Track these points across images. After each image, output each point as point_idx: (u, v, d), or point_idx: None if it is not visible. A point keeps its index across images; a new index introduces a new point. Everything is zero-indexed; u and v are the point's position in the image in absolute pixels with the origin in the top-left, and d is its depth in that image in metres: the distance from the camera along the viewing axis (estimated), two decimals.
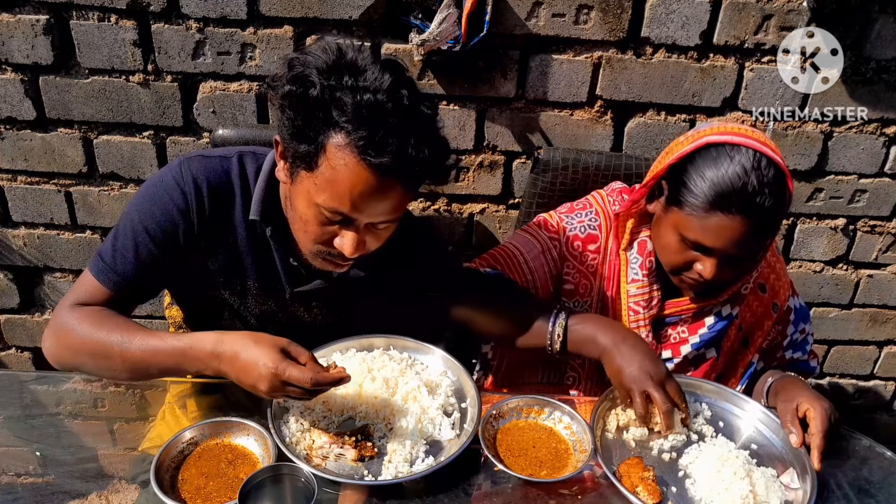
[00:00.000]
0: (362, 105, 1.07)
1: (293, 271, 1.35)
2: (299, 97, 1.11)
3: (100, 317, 1.24)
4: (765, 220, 1.28)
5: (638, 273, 1.50)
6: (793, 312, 1.61)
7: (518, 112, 1.89)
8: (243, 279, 1.37)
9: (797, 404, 1.33)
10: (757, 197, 1.25)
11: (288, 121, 1.13)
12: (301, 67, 1.12)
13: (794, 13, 1.78)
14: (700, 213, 1.29)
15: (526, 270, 1.54)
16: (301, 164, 1.14)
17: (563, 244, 1.54)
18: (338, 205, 1.13)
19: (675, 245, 1.37)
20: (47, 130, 1.88)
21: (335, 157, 1.10)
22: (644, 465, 1.22)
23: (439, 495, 1.17)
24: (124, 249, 1.26)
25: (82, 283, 1.29)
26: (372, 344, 1.39)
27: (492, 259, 1.58)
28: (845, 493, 1.28)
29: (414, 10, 1.73)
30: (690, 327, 1.53)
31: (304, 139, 1.11)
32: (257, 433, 1.20)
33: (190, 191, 1.26)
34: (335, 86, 1.09)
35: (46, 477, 1.27)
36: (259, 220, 1.28)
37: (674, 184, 1.35)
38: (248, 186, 1.31)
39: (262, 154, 1.34)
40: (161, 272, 1.31)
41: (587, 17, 1.76)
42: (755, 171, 1.25)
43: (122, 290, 1.28)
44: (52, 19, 1.72)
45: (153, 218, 1.26)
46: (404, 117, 1.10)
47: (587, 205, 1.58)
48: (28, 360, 2.29)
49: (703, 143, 1.31)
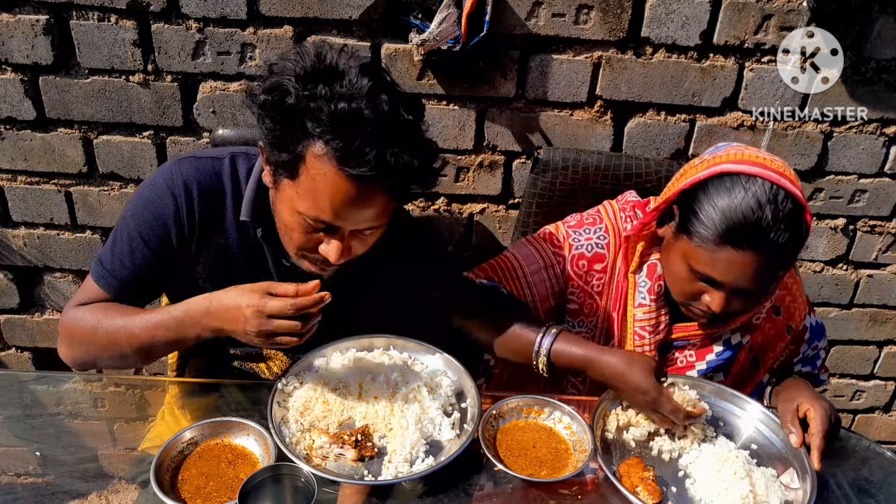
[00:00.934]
0: (338, 114, 1.05)
1: (286, 272, 1.35)
2: (275, 106, 1.09)
3: (100, 308, 1.28)
4: (778, 256, 1.22)
5: (646, 298, 1.45)
6: (808, 331, 1.57)
7: (518, 112, 1.89)
8: (235, 280, 1.36)
9: (797, 404, 1.33)
10: (771, 233, 1.19)
11: (267, 130, 1.12)
12: (277, 76, 1.10)
13: (794, 13, 1.78)
14: (710, 246, 1.24)
15: (524, 284, 1.51)
16: (283, 172, 1.14)
17: (567, 262, 1.50)
18: (319, 214, 1.13)
19: (684, 275, 1.32)
20: (47, 130, 1.88)
21: (314, 167, 1.09)
22: (644, 465, 1.22)
23: (439, 495, 1.17)
24: (121, 255, 1.29)
25: (85, 288, 1.32)
26: (372, 344, 1.39)
27: (490, 270, 1.55)
28: (845, 493, 1.28)
29: (414, 10, 1.73)
30: (699, 352, 1.50)
31: (284, 148, 1.11)
32: (257, 433, 1.20)
33: (180, 194, 1.26)
34: (310, 94, 1.07)
35: (46, 477, 1.27)
36: (250, 221, 1.28)
37: (685, 211, 1.29)
38: (240, 187, 1.30)
39: (255, 154, 1.34)
40: (158, 275, 1.32)
41: (587, 17, 1.76)
42: (770, 204, 1.19)
43: (122, 294, 1.30)
44: (52, 19, 1.72)
45: (147, 223, 1.27)
46: (383, 124, 1.07)
47: (597, 219, 1.52)
48: (28, 360, 2.29)
49: (717, 171, 1.25)
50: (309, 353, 1.35)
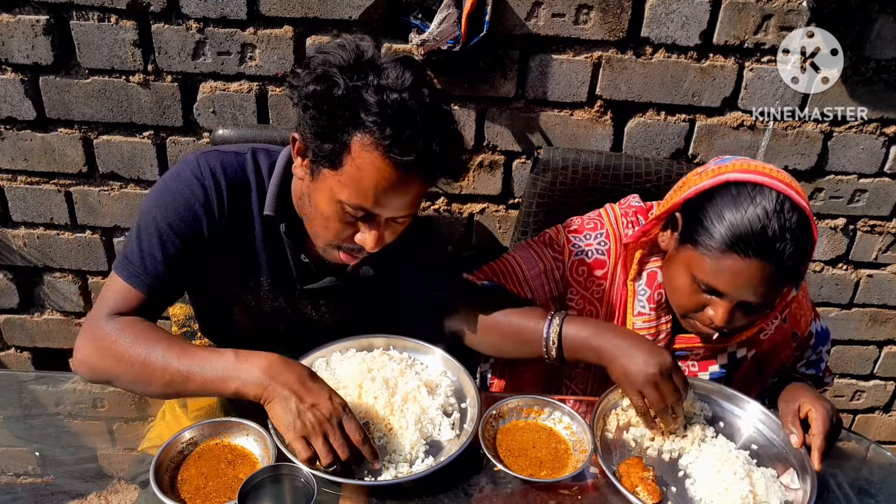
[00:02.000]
0: (388, 104, 1.09)
1: (304, 268, 1.37)
2: (324, 96, 1.11)
3: (140, 328, 1.21)
4: (784, 267, 1.21)
5: (645, 306, 1.45)
6: (813, 337, 1.56)
7: (518, 112, 1.89)
8: (257, 275, 1.37)
9: (798, 405, 1.33)
10: (777, 243, 1.18)
11: (311, 120, 1.13)
12: (323, 66, 1.12)
13: (794, 13, 1.78)
14: (715, 255, 1.22)
15: (525, 288, 1.50)
16: (324, 162, 1.15)
17: (567, 268, 1.49)
18: (362, 201, 1.15)
19: (687, 286, 1.30)
20: (47, 130, 1.88)
21: (360, 155, 1.12)
22: (644, 465, 1.22)
23: (439, 495, 1.17)
24: (151, 249, 1.25)
25: (113, 290, 1.25)
26: (372, 344, 1.39)
27: (491, 272, 1.55)
28: (845, 493, 1.28)
29: (414, 10, 1.73)
30: (701, 363, 1.48)
31: (329, 138, 1.12)
32: (257, 433, 1.20)
33: (209, 184, 1.26)
34: (360, 85, 1.10)
35: (46, 477, 1.27)
36: (274, 215, 1.29)
37: (689, 220, 1.29)
38: (263, 182, 1.32)
39: (274, 151, 1.36)
40: (189, 268, 1.31)
41: (587, 17, 1.76)
42: (777, 214, 1.18)
43: (155, 290, 1.26)
44: (52, 19, 1.72)
45: (176, 213, 1.25)
46: (427, 115, 1.12)
47: (598, 224, 1.51)
48: (28, 360, 2.29)
49: (723, 180, 1.24)
50: (309, 353, 1.35)
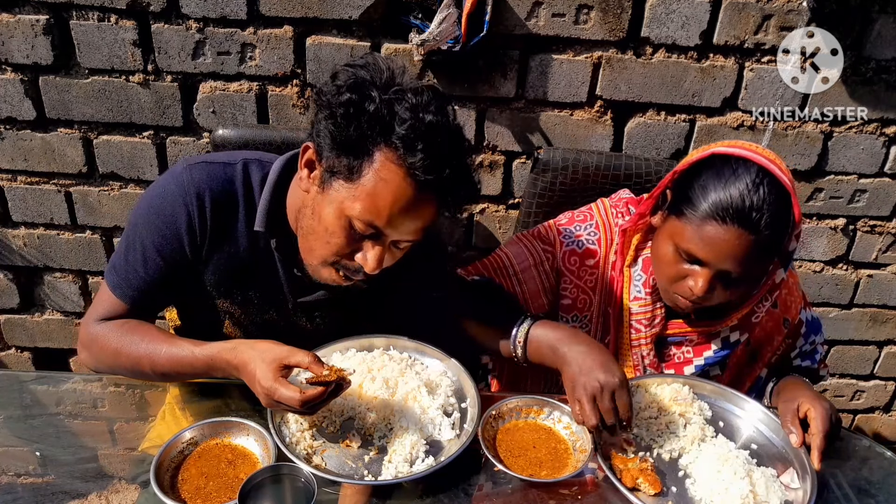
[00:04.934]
0: (421, 122, 1.09)
1: (296, 281, 1.35)
2: (357, 106, 1.10)
3: (125, 329, 1.29)
4: (761, 238, 1.24)
5: (641, 291, 1.48)
6: (804, 325, 1.58)
7: (518, 112, 1.89)
8: (244, 289, 1.36)
9: (798, 404, 1.33)
10: (755, 213, 1.22)
11: (335, 128, 1.11)
12: (354, 79, 1.12)
13: (794, 13, 1.78)
14: (696, 222, 1.27)
15: (514, 282, 1.54)
16: (338, 173, 1.13)
17: (558, 259, 1.52)
18: (374, 217, 1.13)
19: (669, 256, 1.34)
20: (47, 130, 1.88)
21: (383, 169, 1.10)
22: (639, 456, 1.22)
23: (439, 495, 1.17)
24: (135, 263, 1.29)
25: (102, 299, 1.32)
26: (372, 344, 1.39)
27: (482, 267, 1.58)
28: (845, 493, 1.28)
29: (414, 10, 1.73)
30: (696, 349, 1.51)
31: (351, 149, 1.11)
32: (257, 433, 1.20)
33: (192, 202, 1.25)
34: (395, 100, 1.10)
35: (46, 477, 1.27)
36: (264, 231, 1.27)
37: (677, 194, 1.33)
38: (253, 196, 1.30)
39: (267, 162, 1.32)
40: (172, 283, 1.32)
41: (587, 17, 1.76)
42: (757, 185, 1.22)
43: (138, 302, 1.31)
44: (52, 19, 1.72)
45: (160, 233, 1.27)
46: (453, 142, 1.13)
47: (588, 216, 1.55)
48: (28, 360, 2.29)
49: (709, 153, 1.30)
50: None
